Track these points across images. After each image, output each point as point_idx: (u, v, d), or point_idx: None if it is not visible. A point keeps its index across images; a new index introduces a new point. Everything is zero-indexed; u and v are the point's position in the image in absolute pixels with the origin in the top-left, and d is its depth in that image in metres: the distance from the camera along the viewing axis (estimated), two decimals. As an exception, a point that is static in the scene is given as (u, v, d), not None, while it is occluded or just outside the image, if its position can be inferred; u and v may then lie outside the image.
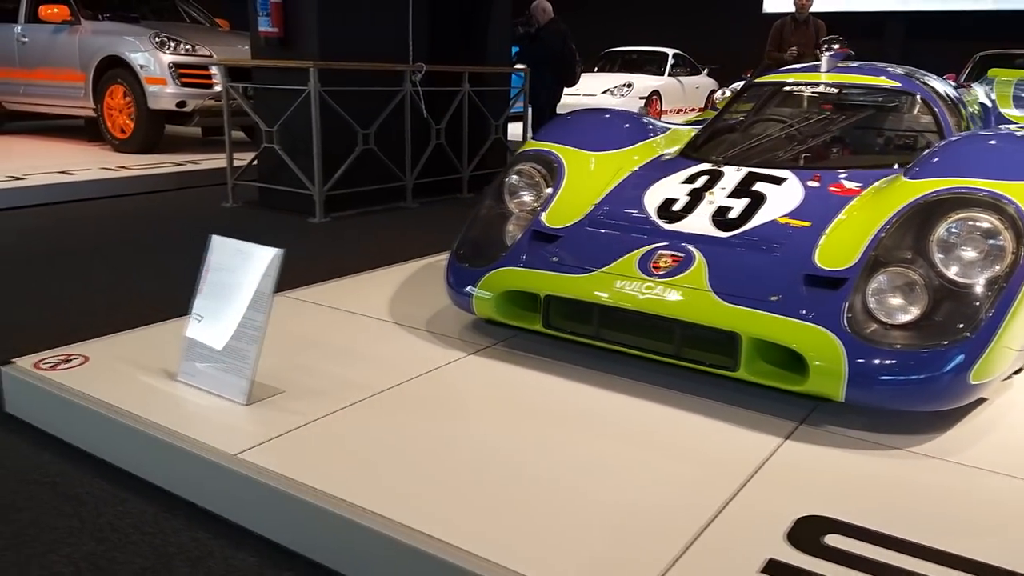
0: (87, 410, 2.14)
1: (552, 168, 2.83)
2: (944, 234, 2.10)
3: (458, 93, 6.16)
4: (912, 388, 1.97)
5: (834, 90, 3.24)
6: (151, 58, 7.00)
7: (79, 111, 7.82)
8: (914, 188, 2.24)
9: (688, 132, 3.32)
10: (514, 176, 2.87)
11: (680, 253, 2.35)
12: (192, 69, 7.13)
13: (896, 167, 2.60)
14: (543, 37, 7.39)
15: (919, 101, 3.17)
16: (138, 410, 2.09)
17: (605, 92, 12.13)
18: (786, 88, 3.38)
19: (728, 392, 2.28)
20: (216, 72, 7.16)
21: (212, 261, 2.27)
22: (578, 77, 8.15)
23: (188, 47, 7.19)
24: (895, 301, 2.07)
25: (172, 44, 7.11)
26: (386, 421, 2.11)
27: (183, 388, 2.25)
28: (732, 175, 2.64)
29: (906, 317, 2.03)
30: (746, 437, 2.05)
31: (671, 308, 2.21)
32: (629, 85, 12.42)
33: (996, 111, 3.99)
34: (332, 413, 2.12)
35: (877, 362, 1.97)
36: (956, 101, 3.36)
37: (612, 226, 2.56)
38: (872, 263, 2.12)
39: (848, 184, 2.53)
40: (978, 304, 1.99)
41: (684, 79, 13.72)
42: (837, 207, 2.39)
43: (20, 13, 7.97)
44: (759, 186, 2.55)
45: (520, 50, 7.55)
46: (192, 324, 2.26)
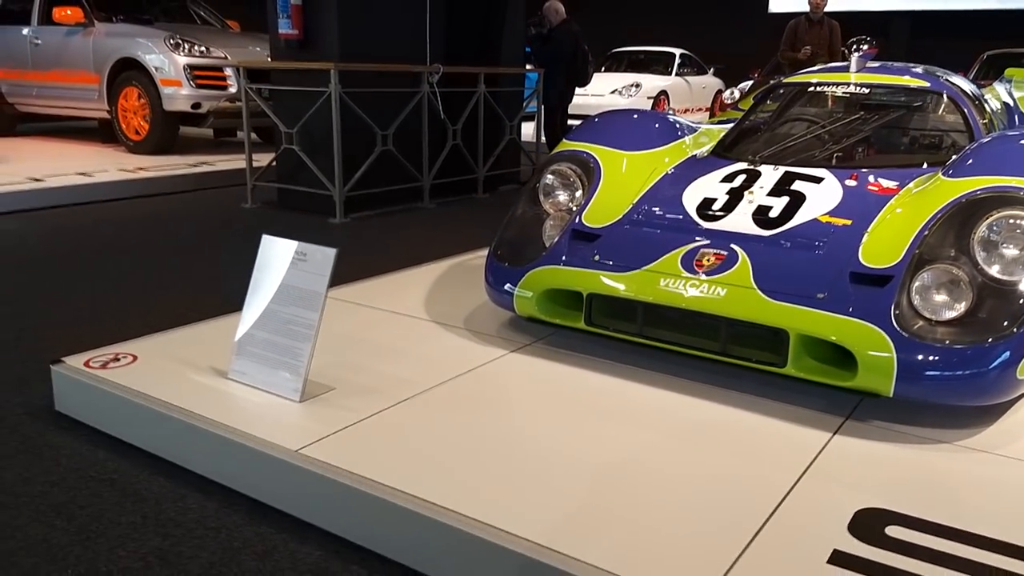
0: (142, 407, 2.16)
1: (588, 168, 2.85)
2: (985, 232, 2.13)
3: (473, 94, 6.20)
4: (960, 383, 2.00)
5: (864, 90, 3.26)
6: (166, 60, 7.04)
7: (93, 113, 7.85)
8: (954, 187, 2.28)
9: (716, 132, 3.34)
10: (549, 176, 2.89)
11: (723, 251, 2.37)
12: (206, 71, 7.17)
13: (925, 166, 2.65)
14: (555, 38, 7.41)
15: (947, 100, 3.20)
16: (193, 407, 2.12)
17: (613, 92, 12.12)
18: (816, 88, 3.41)
19: (768, 388, 2.31)
20: (230, 74, 7.21)
21: (262, 260, 2.30)
22: (590, 78, 8.16)
23: (202, 49, 7.22)
24: (940, 298, 2.10)
25: (186, 46, 7.14)
26: (440, 417, 2.13)
27: (235, 386, 2.27)
28: (770, 174, 2.67)
29: (951, 314, 2.07)
30: (795, 432, 2.08)
31: (718, 306, 2.24)
32: (637, 85, 12.42)
33: (1018, 110, 4.02)
34: (386, 409, 2.15)
35: (925, 358, 2.00)
36: (981, 100, 3.40)
37: (653, 224, 2.59)
38: (917, 261, 2.15)
39: (885, 183, 2.56)
40: (1022, 301, 2.03)
41: (691, 79, 13.72)
42: (877, 206, 2.42)
43: (33, 15, 8.00)
44: (798, 185, 2.57)
45: (532, 51, 7.57)
46: (244, 322, 2.29)
